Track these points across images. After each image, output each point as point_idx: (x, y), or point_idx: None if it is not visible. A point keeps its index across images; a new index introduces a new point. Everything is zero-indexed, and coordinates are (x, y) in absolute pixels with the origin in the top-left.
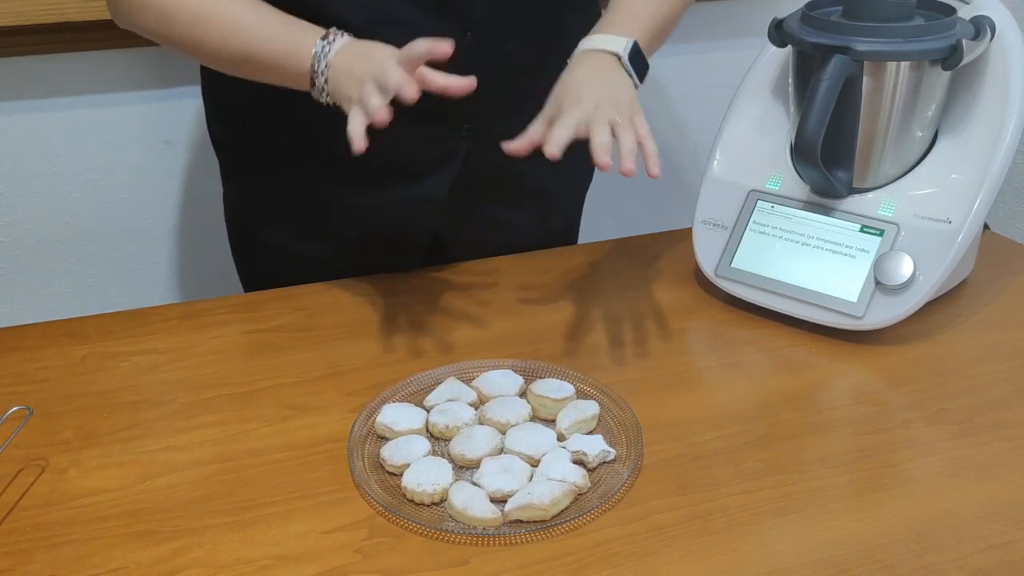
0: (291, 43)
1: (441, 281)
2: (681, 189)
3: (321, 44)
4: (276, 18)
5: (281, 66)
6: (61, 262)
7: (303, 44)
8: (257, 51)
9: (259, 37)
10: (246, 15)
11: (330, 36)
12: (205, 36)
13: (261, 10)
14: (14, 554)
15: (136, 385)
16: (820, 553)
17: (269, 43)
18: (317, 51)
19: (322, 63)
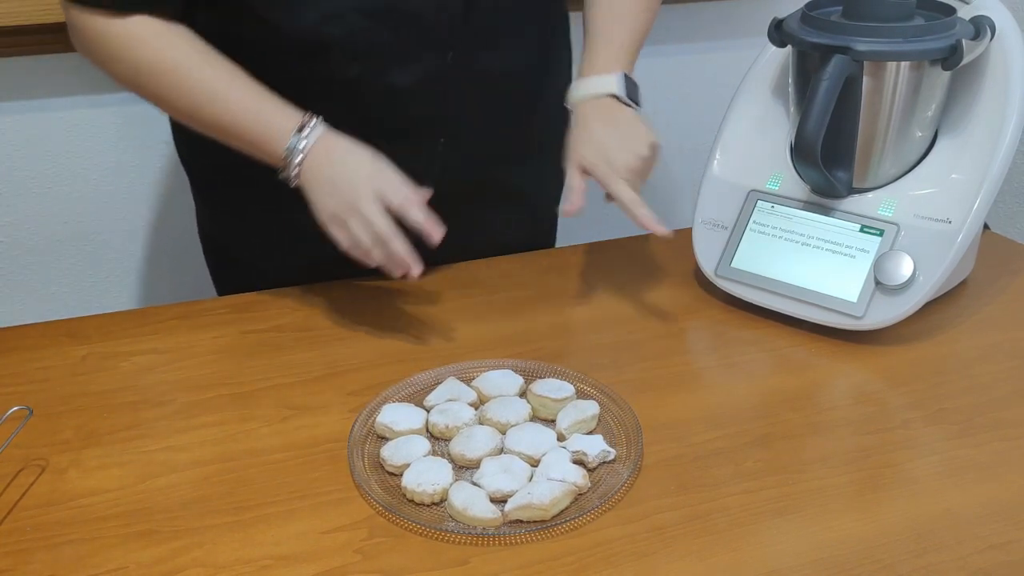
0: (265, 128)
1: (441, 281)
2: (681, 189)
3: (295, 139)
4: (251, 95)
5: (252, 146)
6: (61, 262)
7: (277, 132)
8: (229, 127)
9: (232, 113)
10: (220, 87)
11: (305, 131)
12: (177, 100)
13: (236, 84)
14: (14, 554)
15: (136, 385)
16: (820, 553)
17: (241, 123)
18: (291, 145)
19: (296, 157)
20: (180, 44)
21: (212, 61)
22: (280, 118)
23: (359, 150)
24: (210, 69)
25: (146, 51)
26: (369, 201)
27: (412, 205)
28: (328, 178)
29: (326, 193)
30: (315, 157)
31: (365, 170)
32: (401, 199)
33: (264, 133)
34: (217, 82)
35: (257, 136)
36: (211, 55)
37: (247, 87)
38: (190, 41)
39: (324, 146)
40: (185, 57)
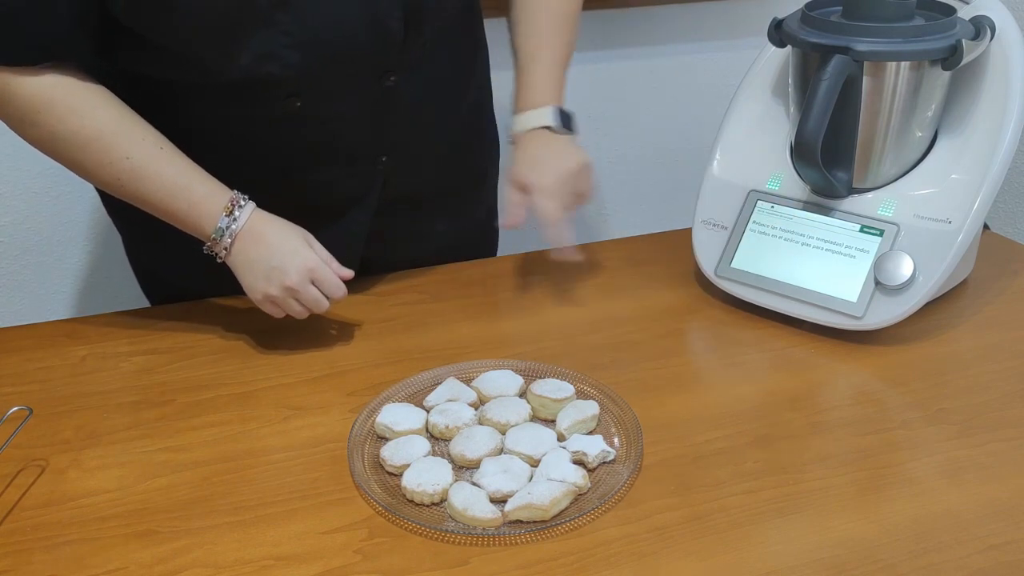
0: (192, 208)
1: (441, 281)
2: (681, 189)
3: (225, 220)
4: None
5: (179, 223)
6: (61, 262)
7: (205, 213)
8: (155, 204)
9: (158, 190)
10: (146, 162)
11: (234, 212)
12: (99, 173)
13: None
14: (14, 554)
15: (136, 385)
16: (820, 553)
17: (168, 201)
18: (221, 226)
19: (225, 239)
20: (100, 111)
21: (136, 131)
22: (208, 198)
23: (287, 231)
24: (135, 141)
25: (62, 119)
26: (302, 283)
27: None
28: (257, 260)
29: (257, 276)
30: (244, 239)
31: (298, 256)
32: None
33: (191, 213)
34: (142, 156)
35: (184, 216)
36: (134, 123)
37: (173, 162)
38: (111, 106)
39: (252, 228)
40: (107, 128)
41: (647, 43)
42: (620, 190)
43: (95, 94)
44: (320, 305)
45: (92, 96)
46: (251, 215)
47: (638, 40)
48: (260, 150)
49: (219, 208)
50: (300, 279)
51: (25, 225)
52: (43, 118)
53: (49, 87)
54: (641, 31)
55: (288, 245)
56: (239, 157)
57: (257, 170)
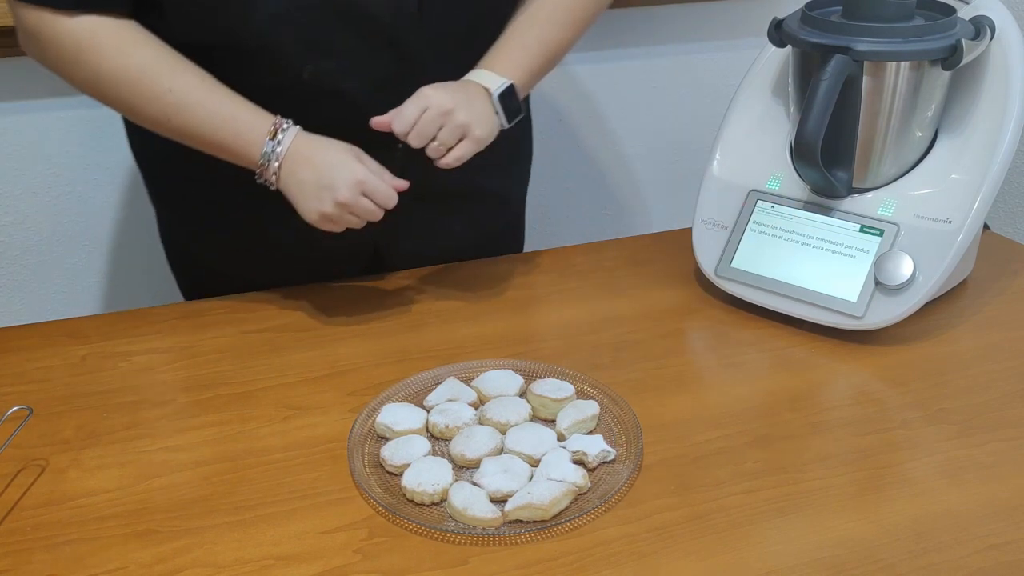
0: (237, 136)
1: (441, 281)
2: (681, 189)
3: (271, 144)
4: (221, 101)
5: (226, 153)
6: (61, 262)
7: (250, 140)
8: (200, 135)
9: (202, 122)
10: (189, 95)
11: (278, 136)
12: (144, 109)
13: (204, 90)
14: (14, 554)
15: (136, 385)
16: (820, 553)
17: (213, 131)
18: (267, 150)
19: (273, 163)
20: (143, 48)
21: (178, 66)
22: (253, 125)
23: (333, 146)
24: (177, 75)
25: (107, 57)
26: (353, 197)
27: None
28: (307, 181)
29: (309, 197)
30: (291, 162)
31: (347, 171)
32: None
33: (237, 141)
34: (186, 89)
35: (230, 144)
36: (176, 59)
37: (217, 92)
38: (153, 45)
39: (298, 149)
40: (150, 63)
41: (647, 43)
42: (620, 190)
43: (135, 32)
44: (375, 215)
45: (133, 34)
46: (295, 137)
47: (638, 40)
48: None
49: (263, 133)
50: (351, 193)
51: (25, 225)
52: (88, 56)
53: (93, 27)
54: (641, 31)
55: (336, 160)
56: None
57: None
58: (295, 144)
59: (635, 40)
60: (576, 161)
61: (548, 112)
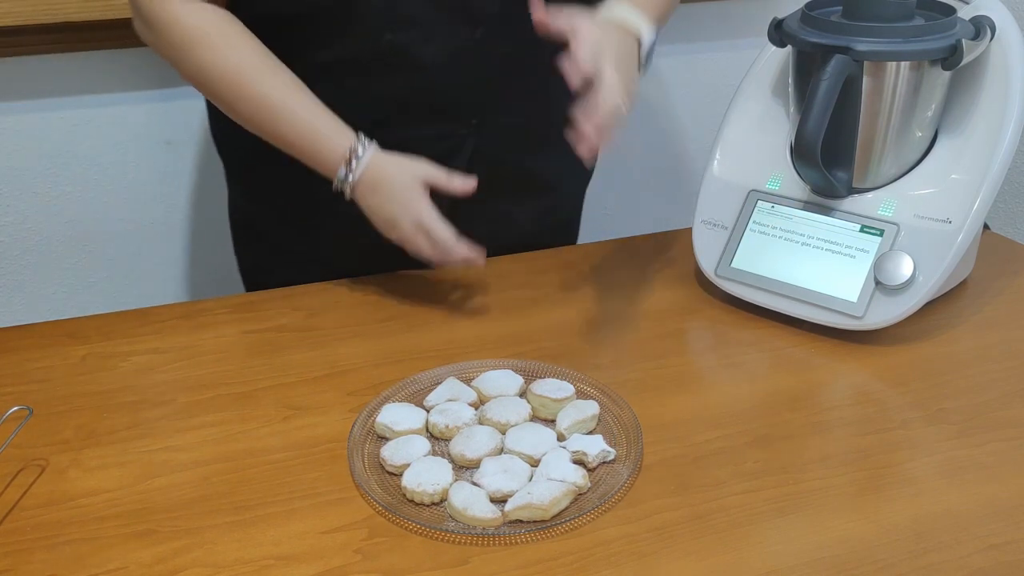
0: (318, 152)
1: (441, 281)
2: (681, 189)
3: (343, 171)
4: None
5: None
6: (61, 262)
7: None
8: (284, 143)
9: (288, 131)
10: (279, 102)
11: (352, 162)
12: (237, 107)
13: (294, 100)
14: (14, 554)
15: (136, 385)
16: (820, 553)
17: (296, 142)
18: (340, 176)
19: (346, 188)
20: (244, 49)
21: (273, 71)
22: (332, 144)
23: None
24: (271, 80)
25: (211, 52)
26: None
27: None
28: (376, 208)
29: (379, 223)
30: (362, 188)
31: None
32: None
33: (317, 156)
34: (277, 96)
35: (310, 157)
36: (273, 63)
37: (304, 105)
38: (253, 46)
39: (369, 177)
40: (248, 64)
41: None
42: (620, 190)
43: (240, 32)
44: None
45: (238, 34)
46: (368, 163)
47: None
48: (351, 99)
49: (340, 157)
50: (411, 232)
51: (25, 225)
52: (196, 49)
53: (203, 19)
54: None
55: (402, 195)
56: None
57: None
58: (368, 171)
59: None
60: None
61: None
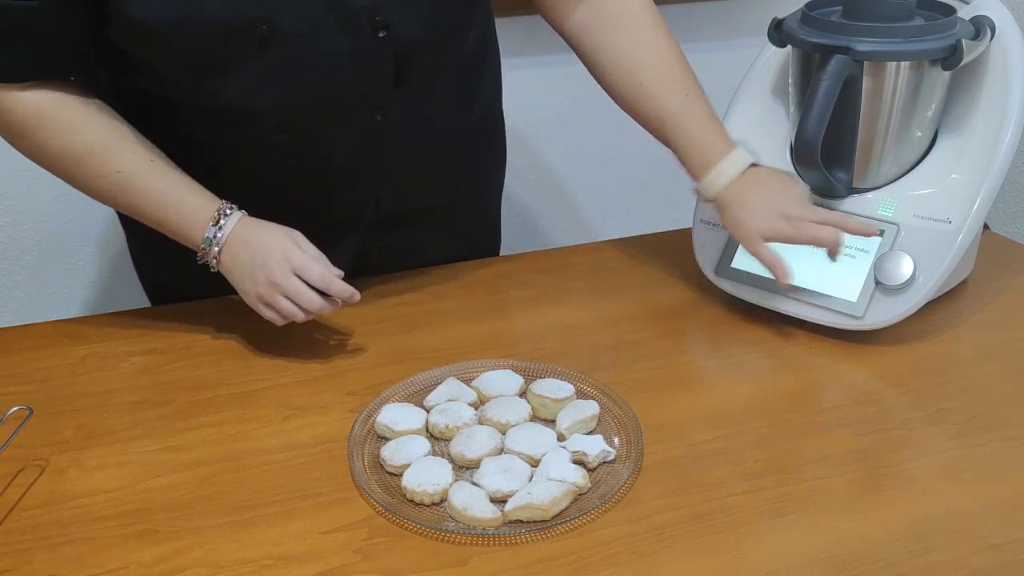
0: (181, 220)
1: (441, 281)
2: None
3: (212, 230)
4: (167, 184)
5: (170, 233)
6: (61, 262)
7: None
8: (144, 216)
9: (147, 203)
10: (135, 176)
11: (220, 221)
12: (89, 185)
13: (151, 172)
14: (14, 554)
15: (136, 385)
16: (820, 553)
17: (157, 213)
18: (208, 236)
19: (214, 248)
20: (94, 126)
21: (129, 146)
22: (196, 210)
23: (272, 231)
24: (126, 156)
25: (54, 135)
26: (288, 278)
27: (330, 280)
28: (246, 263)
29: (247, 278)
30: (232, 245)
31: (278, 249)
32: (317, 276)
33: (181, 224)
34: (134, 170)
35: (174, 227)
36: (126, 137)
37: (163, 174)
38: (103, 121)
39: (239, 233)
40: (100, 142)
41: None
42: (620, 190)
43: (87, 109)
44: (310, 301)
45: (84, 112)
46: (237, 223)
47: None
48: (251, 171)
49: (206, 219)
50: (281, 272)
51: (25, 225)
52: (35, 134)
53: (41, 103)
54: None
55: (271, 242)
56: (228, 174)
57: (248, 188)
58: (236, 229)
59: None
60: (576, 161)
61: (549, 112)
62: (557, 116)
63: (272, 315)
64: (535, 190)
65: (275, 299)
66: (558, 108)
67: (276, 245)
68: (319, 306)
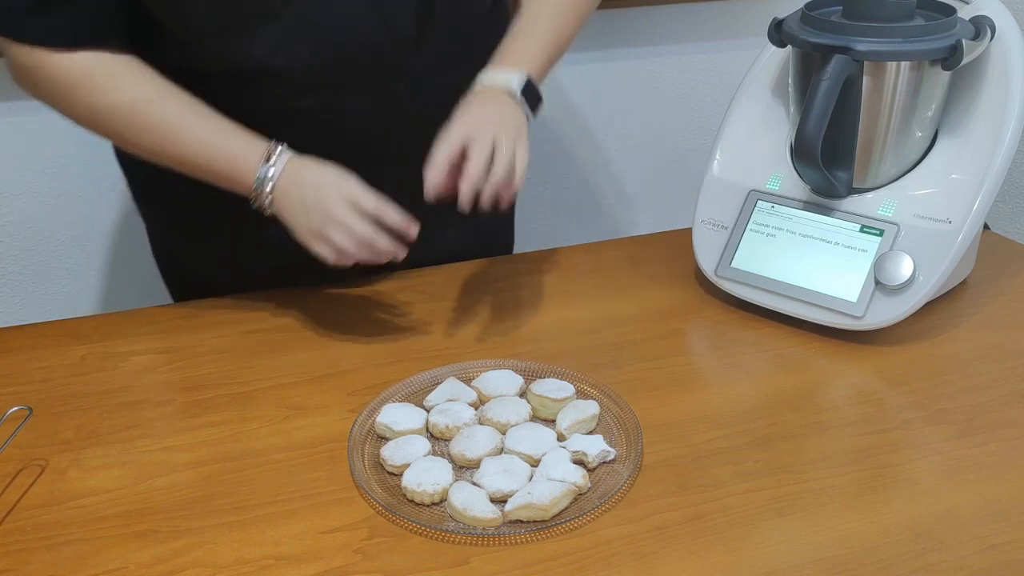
0: (231, 162)
1: (441, 281)
2: (681, 189)
3: (264, 168)
4: (214, 128)
5: (220, 179)
6: (61, 262)
7: (244, 165)
8: (194, 163)
9: (197, 149)
10: (182, 122)
11: (272, 159)
12: (139, 139)
13: (197, 118)
14: (14, 554)
15: (136, 385)
16: (820, 553)
17: (207, 158)
18: (260, 175)
19: (267, 186)
20: (137, 82)
21: (170, 95)
22: (246, 150)
23: (325, 167)
24: (170, 104)
25: (101, 92)
26: (345, 210)
27: (385, 207)
28: (300, 199)
29: (301, 213)
30: (284, 183)
31: (333, 183)
32: (373, 204)
33: (231, 166)
34: (178, 117)
35: (224, 170)
36: (168, 88)
37: (209, 120)
38: (145, 76)
39: (291, 171)
40: (143, 94)
41: (647, 43)
42: (620, 190)
43: (129, 65)
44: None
45: (127, 68)
46: (289, 159)
47: (638, 40)
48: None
49: (257, 157)
50: (337, 204)
51: (25, 225)
52: (83, 93)
53: (86, 63)
54: (641, 31)
55: (326, 178)
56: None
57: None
58: (288, 166)
59: (635, 40)
60: (576, 161)
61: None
62: (557, 117)
63: (326, 250)
64: (536, 190)
65: (328, 232)
66: (559, 109)
67: (331, 180)
68: (371, 237)
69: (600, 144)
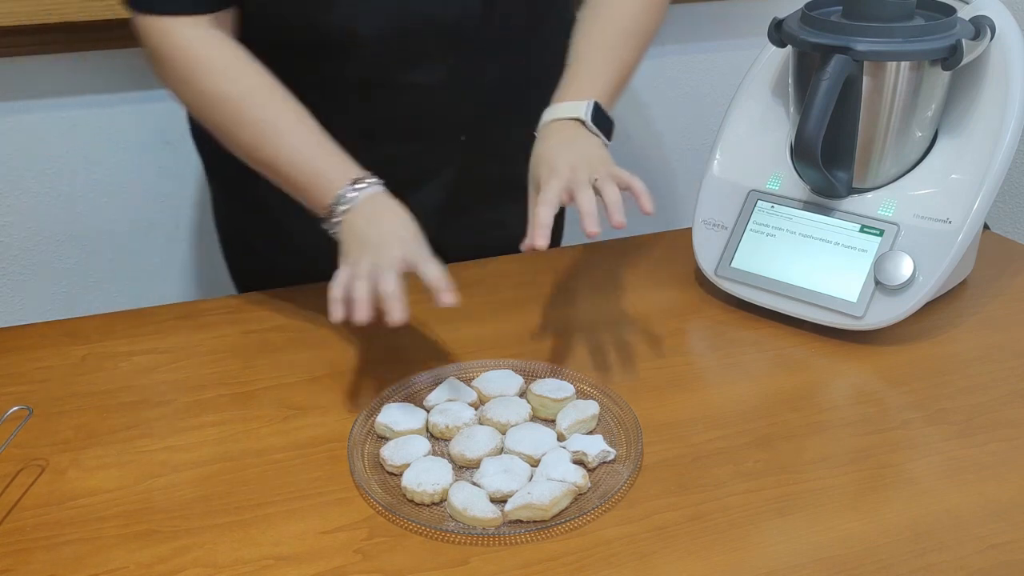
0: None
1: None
2: (681, 189)
3: (348, 188)
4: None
5: (301, 190)
6: (61, 262)
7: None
8: (283, 167)
9: (289, 155)
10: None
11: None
12: (238, 134)
13: (298, 126)
14: (14, 554)
15: (136, 385)
16: (820, 553)
17: (296, 165)
18: (341, 194)
19: (343, 206)
20: (248, 76)
21: (278, 98)
22: (337, 169)
23: (400, 215)
24: (275, 106)
25: (213, 80)
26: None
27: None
28: (363, 233)
29: (356, 245)
30: (358, 212)
31: (398, 236)
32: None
33: (316, 180)
34: (280, 121)
35: (308, 181)
36: (278, 91)
37: (310, 131)
38: (259, 73)
39: (370, 204)
40: (251, 91)
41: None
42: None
43: (244, 58)
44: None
45: (242, 60)
46: (376, 193)
47: None
48: (341, 117)
49: (347, 179)
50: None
51: (25, 225)
52: (198, 77)
53: (208, 47)
54: None
55: (394, 227)
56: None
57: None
58: (372, 200)
59: None
60: None
61: None
62: None
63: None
64: None
65: (360, 280)
66: None
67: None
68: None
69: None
